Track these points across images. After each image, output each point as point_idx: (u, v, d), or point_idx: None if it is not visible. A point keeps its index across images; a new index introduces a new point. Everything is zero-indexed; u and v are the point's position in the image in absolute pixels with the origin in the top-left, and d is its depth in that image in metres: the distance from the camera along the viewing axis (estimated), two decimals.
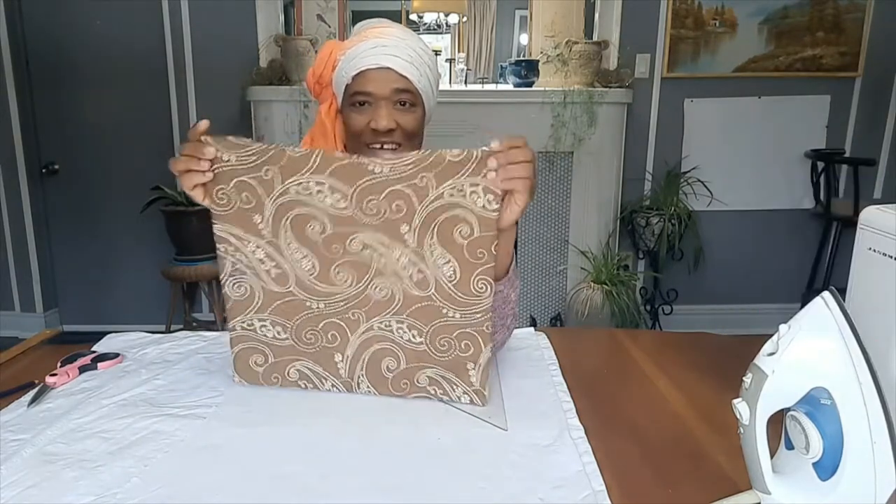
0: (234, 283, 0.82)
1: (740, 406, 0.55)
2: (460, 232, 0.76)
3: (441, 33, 3.80)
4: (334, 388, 0.84)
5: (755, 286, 3.17)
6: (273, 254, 0.80)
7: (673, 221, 2.86)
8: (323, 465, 0.67)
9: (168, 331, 1.39)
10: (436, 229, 0.77)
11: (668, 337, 1.21)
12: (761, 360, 0.54)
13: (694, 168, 3.03)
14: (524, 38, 3.71)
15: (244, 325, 0.84)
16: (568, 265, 3.00)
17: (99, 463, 0.67)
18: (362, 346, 0.82)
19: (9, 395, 0.84)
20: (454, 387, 0.82)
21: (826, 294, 0.53)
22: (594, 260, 2.88)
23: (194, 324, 2.98)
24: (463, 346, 0.80)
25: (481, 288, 0.78)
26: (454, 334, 0.80)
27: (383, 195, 0.76)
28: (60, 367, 0.90)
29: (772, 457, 0.55)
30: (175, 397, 0.83)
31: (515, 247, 2.88)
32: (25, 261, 3.10)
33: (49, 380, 0.87)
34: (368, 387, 0.84)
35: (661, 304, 3.09)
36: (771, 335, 0.55)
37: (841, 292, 0.55)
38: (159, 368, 0.93)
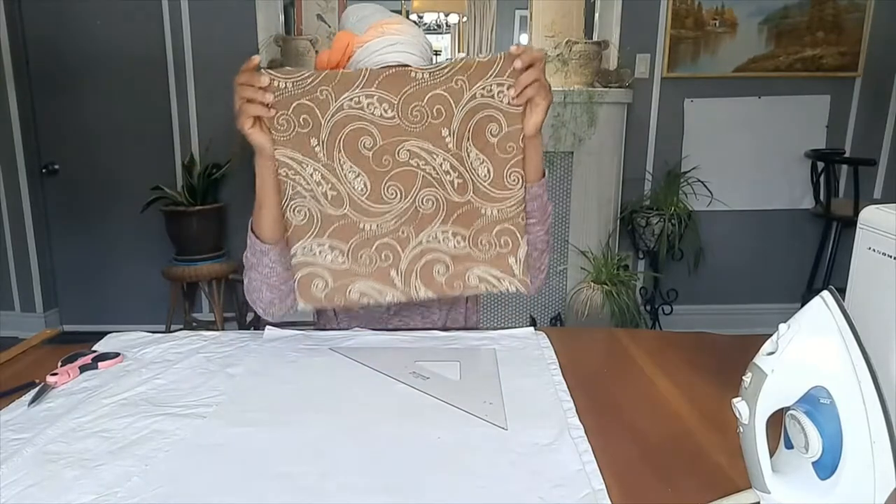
0: (294, 208, 0.89)
1: (740, 405, 0.55)
2: (490, 131, 0.88)
3: (441, 33, 3.80)
4: (394, 298, 0.93)
5: (755, 286, 3.18)
6: (328, 176, 0.88)
7: (673, 221, 2.86)
8: (323, 464, 0.67)
9: (168, 331, 1.39)
10: (471, 131, 0.88)
11: (668, 337, 1.21)
12: (761, 359, 0.54)
13: (694, 168, 3.03)
14: (524, 38, 3.71)
15: (304, 250, 0.91)
16: (568, 265, 3.00)
17: (99, 462, 0.67)
18: (414, 260, 0.92)
19: (9, 394, 0.84)
20: (500, 280, 0.93)
21: (826, 294, 0.53)
22: (594, 260, 2.88)
23: (194, 324, 2.99)
24: (503, 242, 0.92)
25: (514, 180, 0.89)
26: (493, 231, 0.91)
27: (425, 100, 0.87)
28: (61, 366, 0.90)
29: (771, 456, 0.56)
30: (175, 397, 0.84)
31: None
32: (25, 261, 3.10)
33: (50, 379, 0.87)
34: (425, 291, 0.93)
35: (661, 304, 3.09)
36: (771, 335, 0.55)
37: (841, 292, 0.55)
38: (159, 368, 0.93)
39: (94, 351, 0.98)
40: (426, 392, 0.84)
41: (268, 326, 1.06)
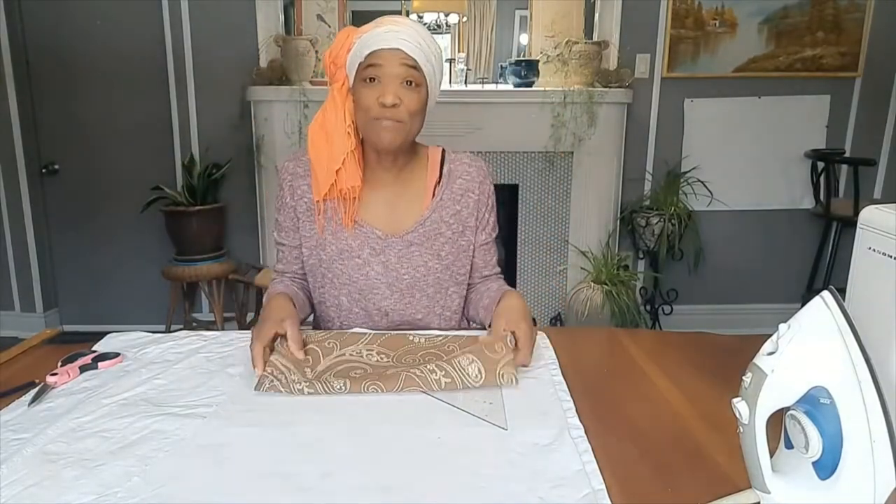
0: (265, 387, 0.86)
1: (740, 405, 0.55)
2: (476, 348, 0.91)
3: (441, 33, 3.80)
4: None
5: (755, 286, 3.17)
6: (315, 384, 0.86)
7: (673, 221, 2.86)
8: (323, 464, 0.67)
9: (168, 331, 1.39)
10: (458, 360, 0.88)
11: (668, 337, 1.21)
12: (761, 359, 0.54)
13: (694, 168, 3.03)
14: (524, 38, 3.70)
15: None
16: (568, 265, 2.99)
17: (99, 462, 0.67)
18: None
19: (9, 394, 0.84)
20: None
21: (826, 294, 0.53)
22: (594, 260, 2.88)
23: (194, 324, 2.99)
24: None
25: (508, 380, 0.86)
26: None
27: (418, 354, 0.94)
28: (61, 366, 0.90)
29: (771, 456, 0.56)
30: (175, 397, 0.84)
31: (515, 248, 2.88)
32: (25, 261, 3.10)
33: (50, 379, 0.87)
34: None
35: (661, 304, 3.09)
36: (771, 335, 0.55)
37: (841, 292, 0.55)
38: (159, 368, 0.93)
39: (94, 351, 0.98)
40: (427, 392, 0.85)
41: None
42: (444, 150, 1.20)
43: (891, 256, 0.63)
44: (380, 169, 1.13)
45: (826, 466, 0.53)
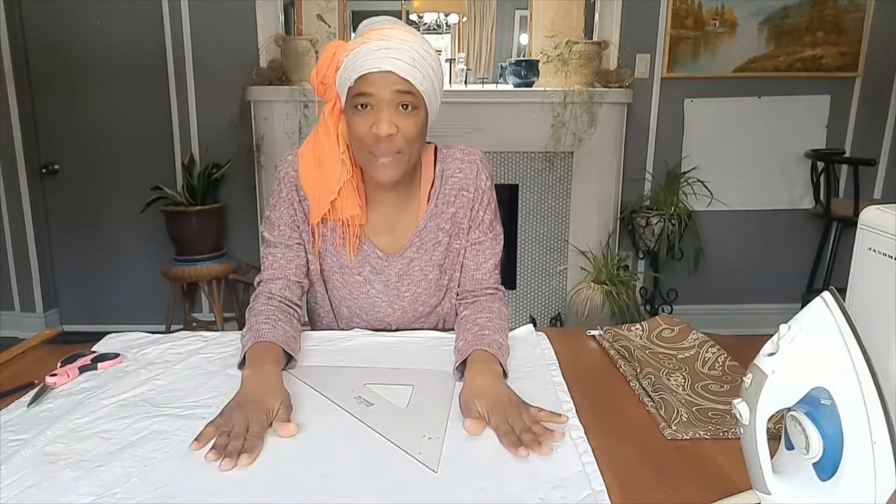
0: None
1: (740, 406, 0.55)
2: None
3: (441, 33, 3.80)
4: None
5: (755, 286, 3.17)
6: None
7: (673, 221, 2.86)
8: (323, 465, 0.67)
9: (168, 331, 1.39)
10: None
11: None
12: (761, 360, 0.54)
13: (694, 168, 3.03)
14: (524, 38, 3.70)
15: None
16: (568, 265, 2.99)
17: (99, 463, 0.67)
18: None
19: (9, 395, 0.84)
20: None
21: (826, 294, 0.53)
22: (594, 260, 2.88)
23: (194, 324, 2.98)
24: None
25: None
26: None
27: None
28: (60, 367, 0.90)
29: (772, 457, 0.55)
30: (175, 397, 0.83)
31: (515, 248, 2.84)
32: (25, 261, 3.10)
33: (49, 380, 0.87)
34: None
35: (661, 304, 3.09)
36: (771, 335, 0.55)
37: (841, 292, 0.55)
38: (159, 368, 0.93)
39: (94, 351, 0.97)
40: (361, 420, 0.78)
41: None
42: (436, 147, 1.09)
43: (891, 256, 0.63)
44: (379, 191, 1.05)
45: (827, 467, 0.53)
